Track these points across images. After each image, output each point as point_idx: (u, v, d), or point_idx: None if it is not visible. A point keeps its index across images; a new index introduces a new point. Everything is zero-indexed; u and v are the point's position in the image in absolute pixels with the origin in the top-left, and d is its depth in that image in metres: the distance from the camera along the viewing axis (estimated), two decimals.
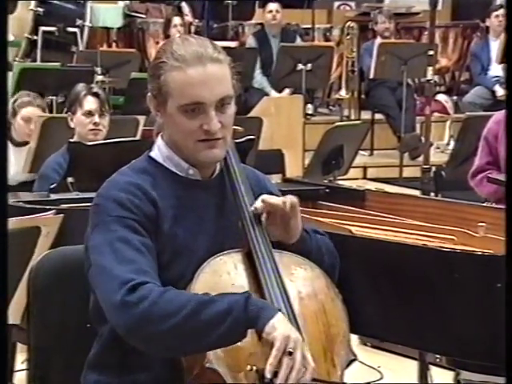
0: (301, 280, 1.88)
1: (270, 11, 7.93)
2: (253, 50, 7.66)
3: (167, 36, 7.77)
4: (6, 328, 1.31)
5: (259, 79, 7.68)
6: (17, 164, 4.79)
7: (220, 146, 1.84)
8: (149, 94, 1.87)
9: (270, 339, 1.66)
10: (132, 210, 1.79)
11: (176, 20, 7.80)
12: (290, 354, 1.65)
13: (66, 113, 3.97)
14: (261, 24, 8.27)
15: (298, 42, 8.22)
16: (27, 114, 4.71)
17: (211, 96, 1.79)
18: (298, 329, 1.75)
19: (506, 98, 1.38)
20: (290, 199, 1.88)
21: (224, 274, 1.81)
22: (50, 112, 5.68)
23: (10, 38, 7.85)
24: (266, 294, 1.78)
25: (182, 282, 1.78)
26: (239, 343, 1.69)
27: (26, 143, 4.78)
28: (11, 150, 4.80)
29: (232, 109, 1.85)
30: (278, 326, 1.66)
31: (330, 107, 8.86)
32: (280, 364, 1.65)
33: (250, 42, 8.06)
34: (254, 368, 1.67)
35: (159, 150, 1.91)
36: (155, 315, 1.67)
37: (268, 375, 1.65)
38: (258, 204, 1.86)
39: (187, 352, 1.72)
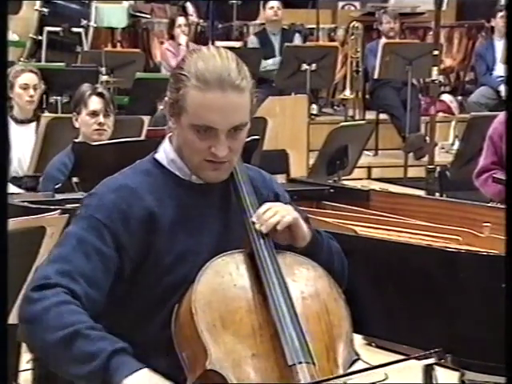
0: (303, 280, 1.87)
1: (272, 7, 7.99)
2: (256, 49, 7.67)
3: (172, 36, 7.79)
4: (6, 328, 1.31)
5: (263, 63, 7.69)
6: (20, 143, 4.81)
7: (224, 169, 1.84)
8: (166, 98, 1.86)
9: None
10: (110, 215, 1.79)
11: (180, 20, 7.81)
12: None
13: (71, 113, 3.98)
14: (263, 24, 8.30)
15: (297, 39, 8.22)
16: (23, 81, 4.79)
17: (225, 123, 1.78)
18: (301, 331, 1.75)
19: (506, 98, 1.38)
20: (285, 220, 1.84)
21: (226, 275, 1.80)
22: (55, 112, 5.70)
23: (15, 38, 7.87)
24: (268, 295, 1.78)
25: (185, 285, 1.78)
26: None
27: (29, 121, 4.81)
28: (15, 130, 4.84)
29: (244, 134, 1.83)
30: (139, 381, 1.62)
31: (335, 107, 8.86)
32: None
33: (253, 41, 8.07)
34: None
35: (165, 153, 1.91)
36: (40, 321, 1.69)
37: None
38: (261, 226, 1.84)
39: (58, 371, 1.72)
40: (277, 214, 1.85)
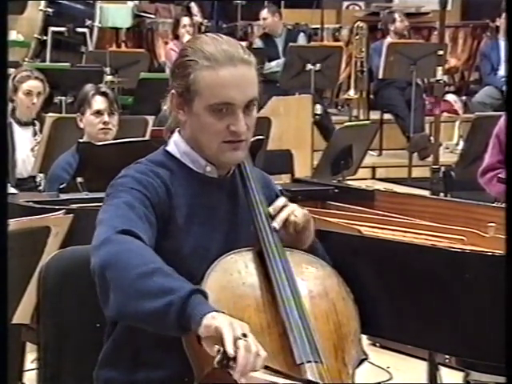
0: (312, 279, 1.87)
1: (264, 18, 8.11)
2: (260, 50, 7.68)
3: (176, 36, 7.80)
4: (6, 328, 1.31)
5: (267, 65, 7.71)
6: (23, 145, 4.82)
7: (242, 148, 1.85)
8: (172, 91, 1.86)
9: (212, 331, 1.54)
10: (146, 187, 1.80)
11: (185, 20, 7.82)
12: (245, 335, 1.54)
13: (75, 113, 3.99)
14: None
15: (302, 39, 8.23)
16: (28, 87, 4.80)
17: (241, 98, 1.80)
18: (309, 330, 1.75)
19: (506, 98, 1.38)
20: (304, 218, 1.86)
21: (235, 273, 1.80)
22: (60, 112, 5.70)
23: (20, 38, 7.88)
24: (277, 293, 1.78)
25: (194, 280, 1.78)
26: None
27: (31, 123, 4.82)
28: (18, 131, 4.85)
29: (255, 111, 1.86)
30: (218, 317, 1.56)
31: (339, 107, 8.85)
32: (236, 347, 1.52)
33: (257, 43, 8.13)
34: (221, 349, 1.54)
35: (176, 146, 1.91)
36: (120, 260, 1.64)
37: (231, 351, 1.51)
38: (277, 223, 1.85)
39: (128, 313, 1.63)
40: (293, 212, 1.86)
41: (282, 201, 1.89)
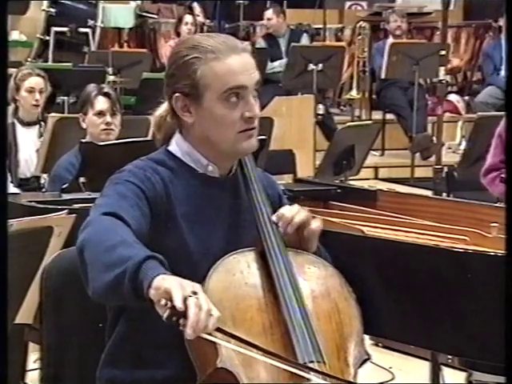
0: (314, 279, 1.88)
1: (269, 19, 8.09)
2: (263, 49, 7.69)
3: (178, 34, 7.81)
4: (6, 328, 1.31)
5: (269, 65, 7.71)
6: (26, 145, 4.82)
7: (255, 136, 1.88)
8: (176, 94, 1.86)
9: (162, 292, 1.53)
10: (143, 180, 1.81)
11: (187, 18, 7.83)
12: (194, 293, 1.54)
13: (78, 113, 3.99)
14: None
15: (305, 39, 8.22)
16: (29, 84, 4.80)
17: (251, 80, 1.85)
18: (312, 330, 1.75)
19: (506, 98, 1.38)
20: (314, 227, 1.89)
21: (237, 273, 1.81)
22: (62, 112, 5.71)
23: (23, 38, 7.88)
24: (279, 293, 1.78)
25: (195, 279, 1.78)
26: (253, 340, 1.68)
27: (35, 123, 4.83)
28: (21, 131, 4.86)
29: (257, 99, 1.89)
30: (168, 278, 1.56)
31: (341, 107, 8.85)
32: (186, 305, 1.52)
33: (260, 43, 8.13)
34: (169, 304, 1.53)
35: (178, 145, 1.91)
36: (94, 238, 1.66)
37: (179, 304, 1.50)
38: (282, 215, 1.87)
39: (97, 290, 1.64)
40: (307, 218, 1.88)
41: (285, 209, 1.89)
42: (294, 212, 1.87)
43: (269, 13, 8.12)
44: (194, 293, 1.54)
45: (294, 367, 1.66)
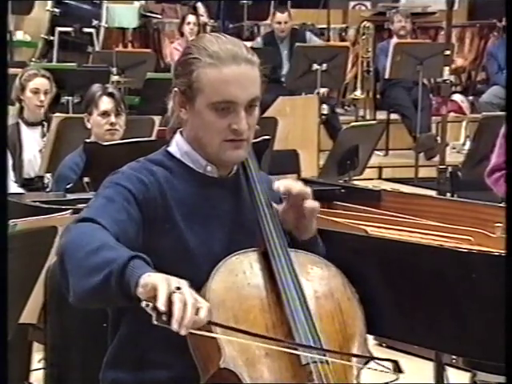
0: (317, 279, 1.88)
1: (279, 22, 7.83)
2: (260, 49, 7.64)
3: (181, 34, 7.81)
4: (6, 328, 1.31)
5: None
6: (30, 145, 4.83)
7: (244, 148, 1.85)
8: (175, 89, 1.86)
9: (149, 289, 1.52)
10: (134, 183, 1.80)
11: (190, 18, 7.82)
12: (178, 288, 1.53)
13: (82, 113, 3.99)
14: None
15: (311, 38, 8.14)
16: (35, 85, 4.80)
17: (244, 96, 1.81)
18: (315, 330, 1.75)
19: (506, 98, 1.38)
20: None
21: (240, 274, 1.81)
22: (67, 112, 5.71)
23: (27, 38, 7.90)
24: (282, 294, 1.79)
25: (196, 279, 1.78)
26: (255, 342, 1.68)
27: (39, 123, 4.83)
28: (24, 131, 4.86)
29: (257, 111, 1.86)
30: (154, 275, 1.55)
31: (346, 107, 8.84)
32: (171, 301, 1.51)
33: (258, 42, 8.03)
34: (151, 305, 1.52)
35: (177, 146, 1.91)
36: (73, 244, 1.65)
37: (162, 307, 1.49)
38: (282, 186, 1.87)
39: (80, 294, 1.63)
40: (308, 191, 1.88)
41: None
42: (298, 183, 1.88)
43: (284, 16, 7.79)
44: (178, 288, 1.53)
45: (294, 348, 1.66)
